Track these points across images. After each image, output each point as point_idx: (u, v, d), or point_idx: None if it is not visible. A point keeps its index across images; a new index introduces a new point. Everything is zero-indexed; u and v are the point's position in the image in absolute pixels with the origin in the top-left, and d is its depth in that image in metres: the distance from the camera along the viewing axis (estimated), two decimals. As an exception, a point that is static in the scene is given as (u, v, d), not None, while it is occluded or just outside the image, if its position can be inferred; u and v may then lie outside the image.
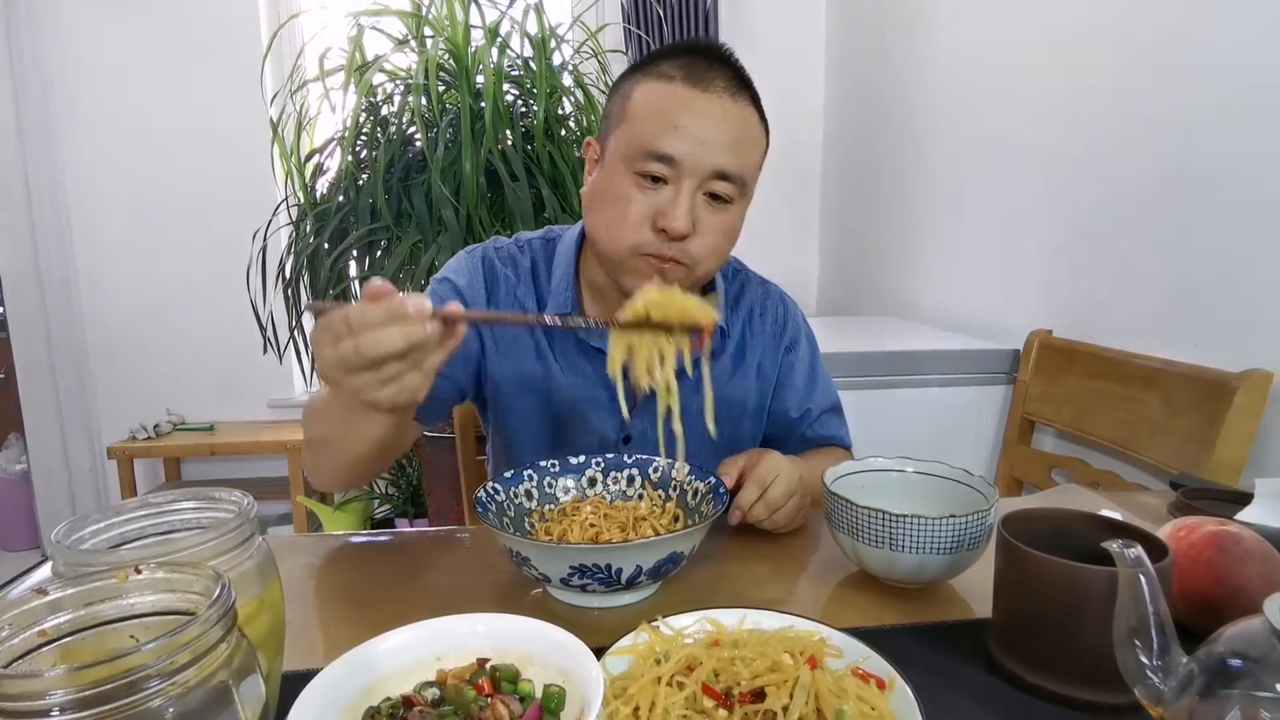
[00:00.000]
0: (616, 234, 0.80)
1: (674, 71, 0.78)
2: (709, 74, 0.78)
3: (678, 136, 0.76)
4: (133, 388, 2.81)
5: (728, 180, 0.79)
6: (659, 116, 0.77)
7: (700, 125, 0.76)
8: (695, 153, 0.76)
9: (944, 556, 0.64)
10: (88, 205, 2.69)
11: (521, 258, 0.93)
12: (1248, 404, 1.11)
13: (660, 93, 0.78)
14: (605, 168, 0.82)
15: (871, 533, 0.66)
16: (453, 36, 1.98)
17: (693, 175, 0.77)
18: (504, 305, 0.91)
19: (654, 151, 0.76)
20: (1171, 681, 0.41)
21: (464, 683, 0.47)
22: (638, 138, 0.77)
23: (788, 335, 1.00)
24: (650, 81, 0.79)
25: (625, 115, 0.80)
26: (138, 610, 0.39)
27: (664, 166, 0.77)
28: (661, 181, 0.78)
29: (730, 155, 0.78)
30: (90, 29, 2.58)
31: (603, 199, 0.82)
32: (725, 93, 0.78)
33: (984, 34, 1.83)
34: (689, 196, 0.77)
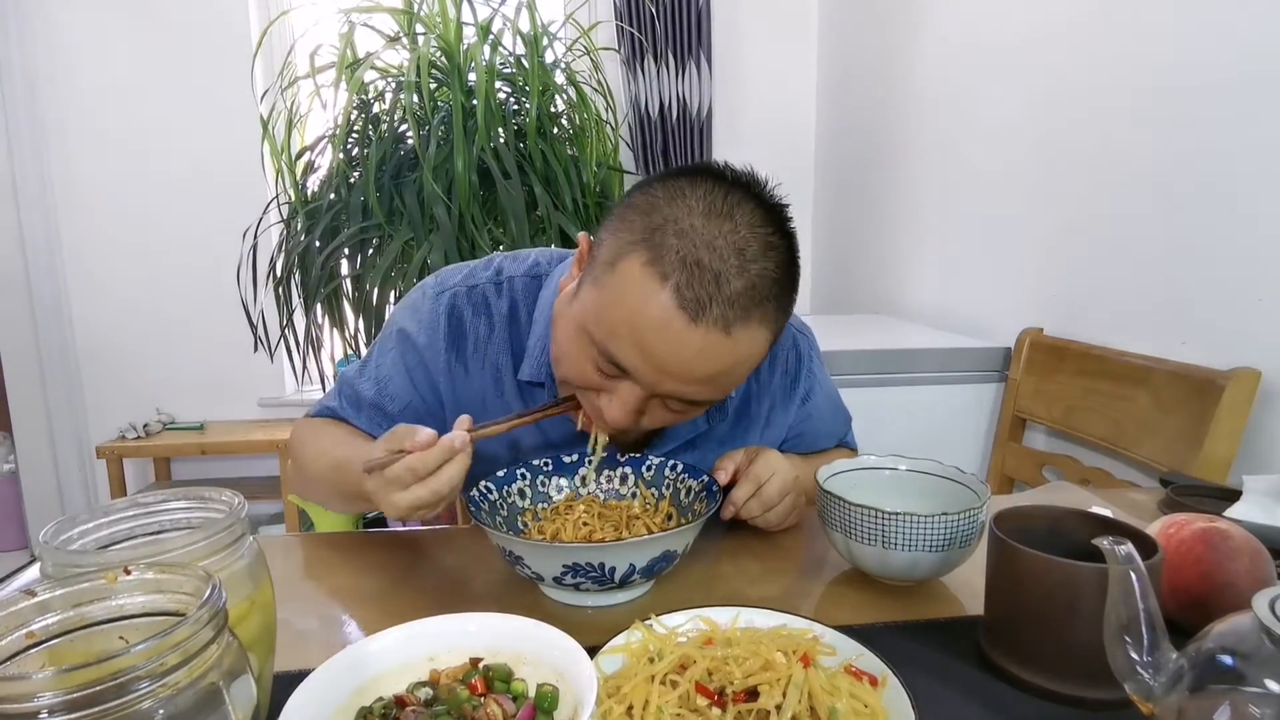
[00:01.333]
0: (567, 378, 0.71)
1: (672, 271, 0.60)
2: (710, 289, 0.60)
3: (641, 361, 0.63)
4: (122, 386, 2.79)
5: (692, 404, 0.68)
6: (629, 328, 0.62)
7: (671, 359, 0.62)
8: (655, 380, 0.64)
9: (936, 554, 0.64)
10: (76, 203, 2.67)
11: (498, 301, 0.82)
12: (1236, 401, 1.12)
13: (641, 296, 0.61)
14: (575, 306, 0.69)
15: (864, 530, 0.66)
16: (444, 34, 1.97)
17: (649, 390, 0.66)
18: (472, 365, 0.81)
19: (611, 358, 0.64)
20: (1161, 677, 0.42)
21: (457, 682, 0.47)
22: (602, 327, 0.64)
23: (801, 387, 0.90)
24: (642, 267, 0.61)
25: (607, 283, 0.64)
26: (127, 611, 0.39)
27: (616, 371, 0.65)
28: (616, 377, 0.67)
29: (696, 388, 0.65)
30: (78, 27, 2.56)
31: (563, 334, 0.70)
32: (717, 324, 0.61)
33: (975, 32, 1.84)
34: (635, 401, 0.66)
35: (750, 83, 2.82)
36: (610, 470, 0.83)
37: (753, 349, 0.65)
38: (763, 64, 2.82)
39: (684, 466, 0.80)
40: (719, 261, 0.60)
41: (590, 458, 0.79)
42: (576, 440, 0.82)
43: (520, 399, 0.82)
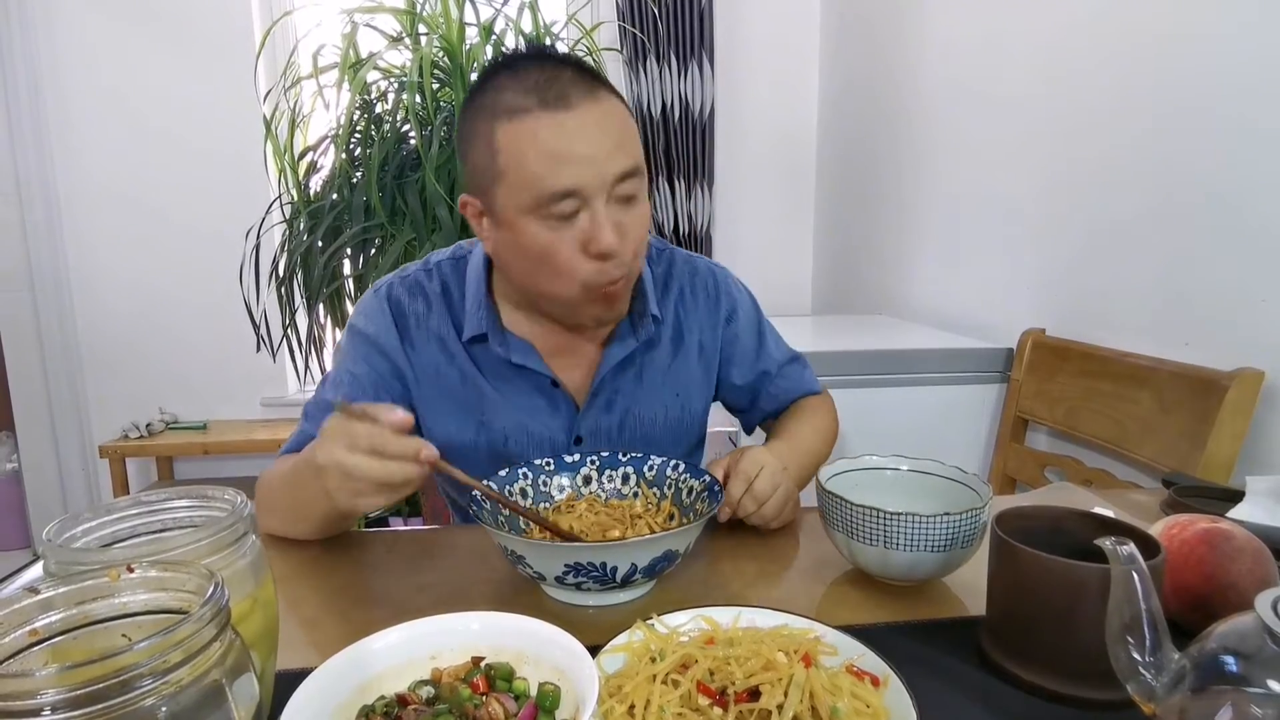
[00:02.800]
0: (559, 283, 0.77)
1: (525, 101, 0.72)
2: (560, 89, 0.72)
3: (570, 166, 0.72)
4: (125, 386, 2.79)
5: (630, 177, 0.75)
6: (539, 156, 0.71)
7: (585, 144, 0.72)
8: (592, 173, 0.72)
9: (938, 554, 0.64)
10: (79, 202, 2.67)
11: (430, 283, 0.90)
12: (1239, 402, 1.11)
13: (526, 132, 0.72)
14: (506, 227, 0.77)
15: (865, 531, 0.66)
16: (447, 34, 1.97)
17: (599, 193, 0.73)
18: (417, 340, 0.88)
19: (554, 194, 0.72)
20: (1164, 678, 0.42)
21: (459, 681, 0.47)
22: (528, 186, 0.73)
23: (723, 307, 0.97)
24: (508, 123, 0.72)
25: (500, 170, 0.74)
26: (130, 609, 0.39)
27: (571, 202, 0.73)
28: (572, 215, 0.74)
29: (621, 156, 0.74)
30: (81, 25, 2.57)
31: (523, 256, 0.78)
32: (586, 98, 0.73)
33: (978, 34, 1.84)
34: (604, 213, 0.74)
35: (752, 83, 2.82)
36: (612, 470, 0.83)
37: (621, 110, 0.76)
38: (765, 64, 2.82)
39: (685, 466, 0.80)
40: (546, 76, 0.73)
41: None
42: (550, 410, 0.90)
43: (471, 361, 0.88)
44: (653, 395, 0.93)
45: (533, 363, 0.87)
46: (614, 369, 0.90)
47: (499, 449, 0.90)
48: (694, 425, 0.99)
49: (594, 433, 0.92)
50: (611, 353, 0.89)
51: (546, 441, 0.91)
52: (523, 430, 0.90)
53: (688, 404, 0.96)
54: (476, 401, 0.89)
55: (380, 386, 0.88)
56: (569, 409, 0.91)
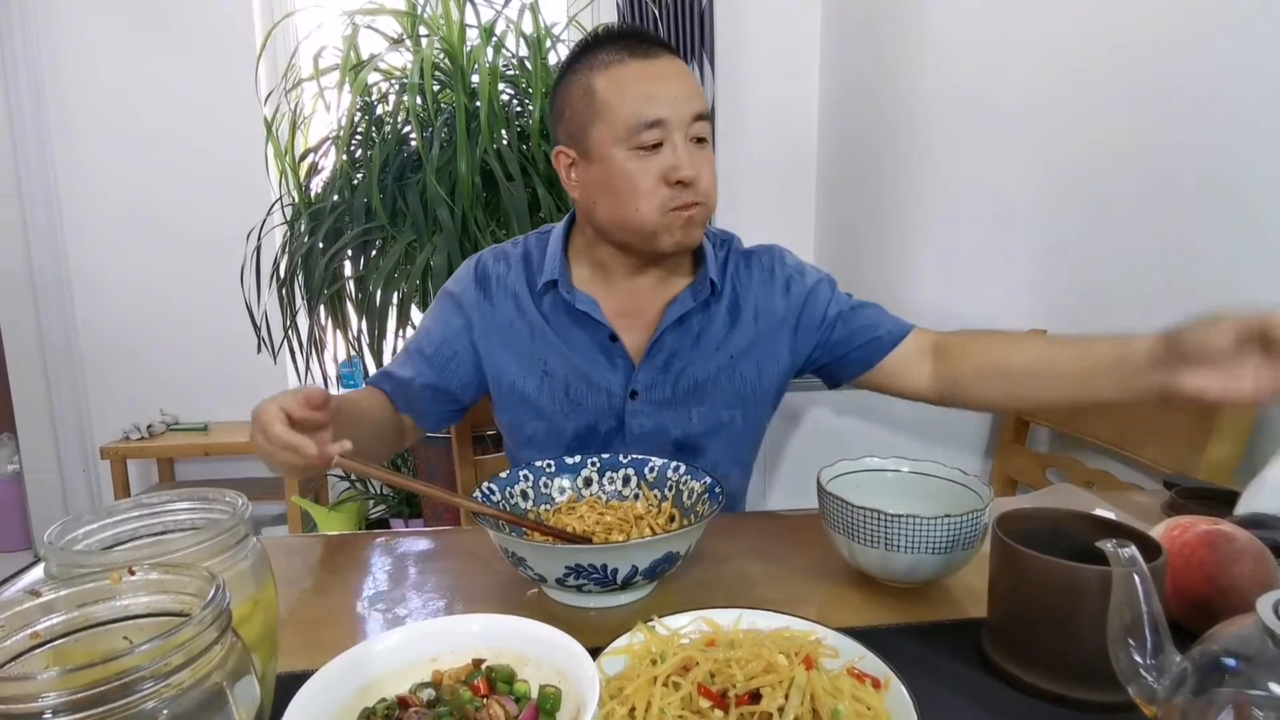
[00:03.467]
0: (642, 206, 0.88)
1: (619, 55, 0.88)
2: (647, 45, 0.88)
3: (658, 101, 0.86)
4: (126, 387, 2.79)
5: (704, 120, 0.89)
6: (634, 94, 0.86)
7: (668, 85, 0.87)
8: (675, 108, 0.86)
9: (939, 556, 0.64)
10: (80, 204, 2.68)
11: (514, 249, 1.02)
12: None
13: (621, 76, 0.87)
14: (597, 162, 0.89)
15: (866, 532, 0.66)
16: (448, 36, 1.97)
17: (679, 127, 0.86)
18: (496, 297, 0.99)
19: (645, 121, 0.85)
20: (1165, 680, 0.41)
21: (460, 683, 0.47)
22: (624, 119, 0.86)
23: (779, 278, 1.03)
24: (604, 72, 0.88)
25: (598, 109, 0.88)
26: (131, 612, 0.39)
27: (656, 132, 0.86)
28: (656, 147, 0.86)
29: (698, 99, 0.89)
30: (83, 26, 2.57)
31: (611, 187, 0.89)
32: (666, 53, 0.89)
33: (978, 33, 1.84)
34: (684, 146, 0.87)
35: (753, 83, 2.82)
36: (613, 472, 0.83)
37: (690, 72, 0.91)
38: (766, 64, 2.82)
39: (686, 468, 0.80)
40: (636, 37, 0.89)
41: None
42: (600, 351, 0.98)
43: (540, 314, 0.98)
44: (706, 358, 0.99)
45: (595, 313, 0.95)
46: (672, 329, 0.97)
47: (561, 396, 0.98)
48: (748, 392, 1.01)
49: (649, 388, 0.97)
50: (671, 311, 0.96)
51: (604, 392, 0.98)
52: (582, 379, 0.98)
53: (740, 368, 1.00)
54: (542, 351, 0.98)
55: (446, 341, 1.00)
56: (626, 365, 0.97)
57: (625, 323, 0.98)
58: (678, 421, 0.98)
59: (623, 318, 0.97)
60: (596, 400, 0.97)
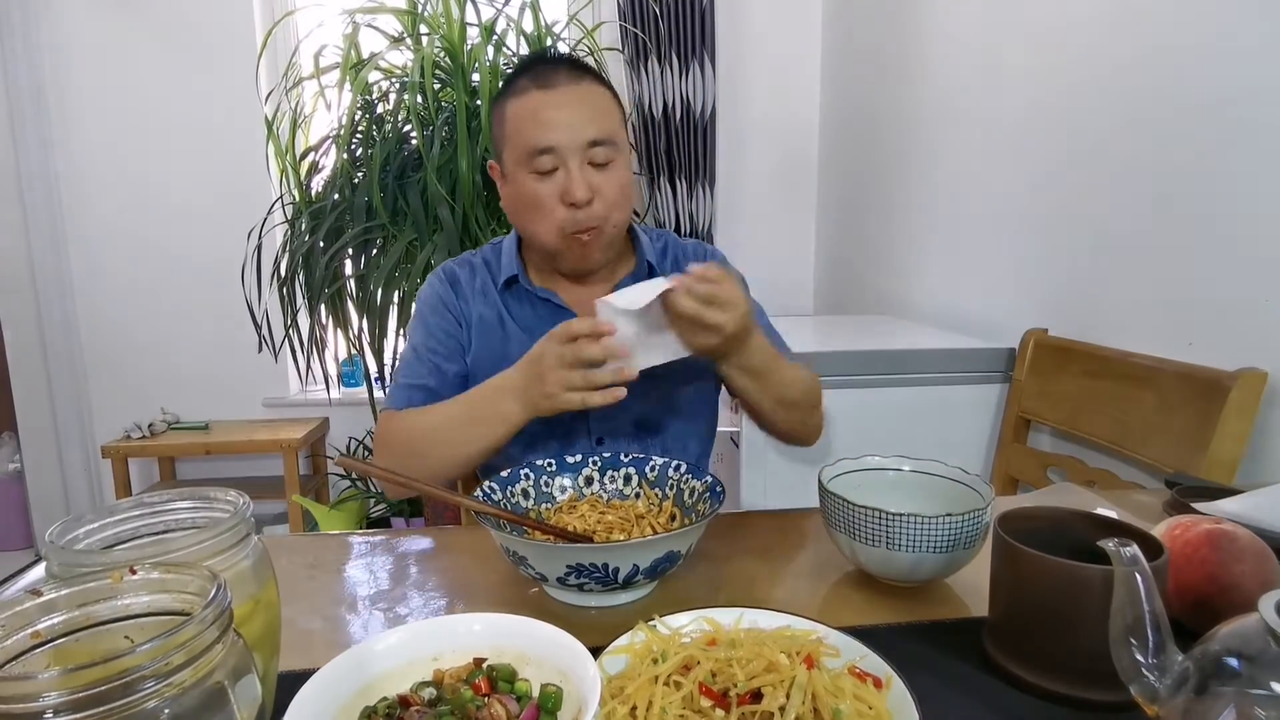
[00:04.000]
0: (541, 225, 0.95)
1: (527, 84, 0.94)
2: (552, 74, 0.94)
3: (548, 129, 0.91)
4: (127, 386, 2.80)
5: (600, 145, 0.92)
6: (529, 122, 0.92)
7: (561, 114, 0.92)
8: (566, 135, 0.91)
9: (940, 555, 0.64)
10: (82, 203, 2.68)
11: (474, 258, 1.09)
12: (1242, 402, 1.11)
13: (522, 105, 0.94)
14: (510, 181, 0.97)
15: (868, 531, 0.66)
16: (448, 34, 1.97)
17: (573, 153, 0.91)
18: (467, 295, 1.05)
19: (536, 148, 0.91)
20: (1167, 679, 0.41)
21: (461, 682, 0.47)
22: (521, 145, 0.93)
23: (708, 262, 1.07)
24: (513, 100, 0.94)
25: (506, 135, 0.96)
26: (132, 611, 0.39)
27: (549, 157, 0.91)
28: (554, 170, 0.92)
29: (592, 126, 0.92)
30: (84, 25, 2.57)
31: (519, 205, 0.97)
32: (569, 81, 0.93)
33: (978, 35, 1.84)
34: (578, 170, 0.92)
35: (754, 83, 2.82)
36: (614, 471, 0.83)
37: (604, 97, 0.96)
38: (766, 64, 2.82)
39: (687, 467, 0.80)
40: (547, 68, 0.95)
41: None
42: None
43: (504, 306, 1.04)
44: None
45: (556, 300, 1.02)
46: None
47: None
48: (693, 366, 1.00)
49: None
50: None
51: None
52: None
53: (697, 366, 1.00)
54: (508, 346, 1.02)
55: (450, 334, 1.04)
56: None
57: (581, 312, 1.02)
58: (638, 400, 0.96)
59: (578, 309, 1.03)
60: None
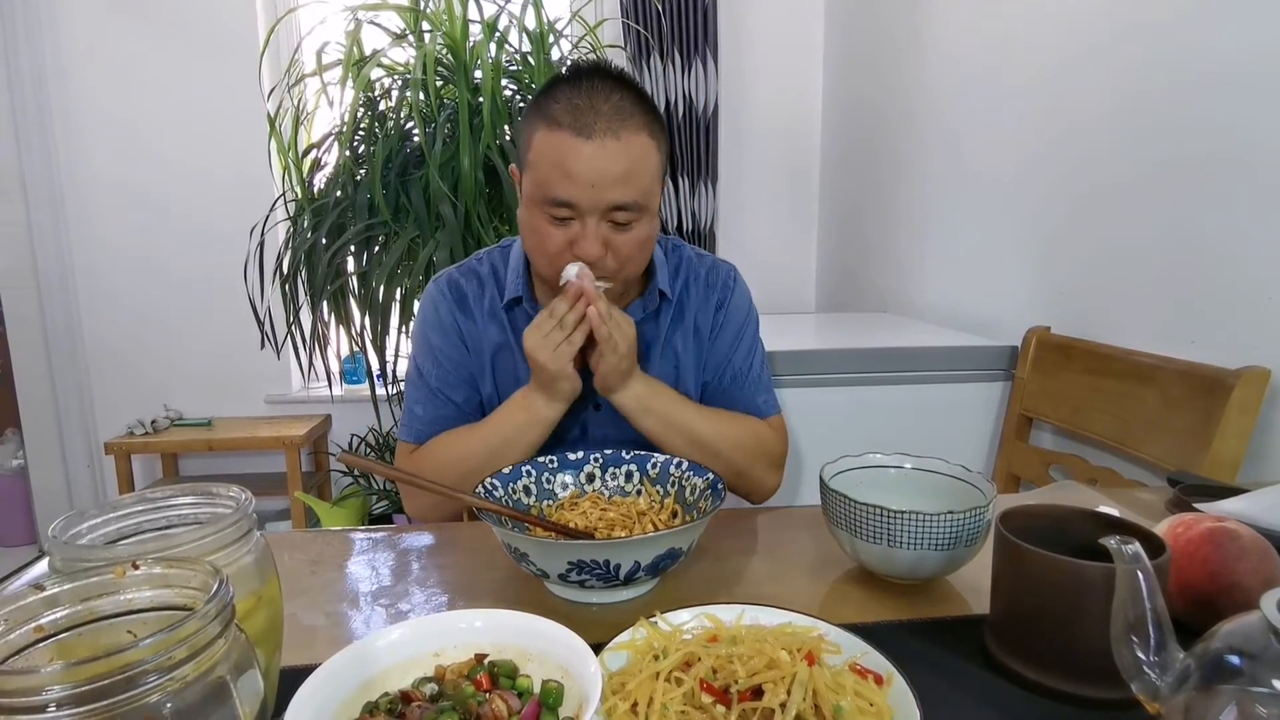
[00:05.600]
0: (542, 259, 0.90)
1: (562, 117, 0.84)
2: (590, 116, 0.84)
3: (571, 184, 0.84)
4: (130, 383, 2.80)
5: (624, 210, 0.86)
6: (553, 167, 0.84)
7: (589, 171, 0.83)
8: (589, 195, 0.84)
9: (942, 552, 0.64)
10: (84, 200, 2.68)
11: (480, 267, 1.03)
12: (1245, 400, 1.11)
13: (551, 143, 0.85)
14: (524, 202, 0.91)
15: (869, 529, 0.66)
16: (451, 31, 1.97)
17: (592, 212, 0.85)
18: (475, 313, 1.01)
19: (553, 199, 0.85)
20: (1168, 677, 0.41)
21: (462, 678, 0.48)
22: (540, 186, 0.86)
23: (717, 293, 1.05)
24: (544, 129, 0.86)
25: (529, 161, 0.88)
26: (135, 606, 0.39)
27: (565, 209, 0.85)
28: (570, 218, 0.86)
29: (620, 190, 0.85)
30: (86, 23, 2.57)
31: (528, 230, 0.91)
32: (608, 133, 0.84)
33: (980, 34, 1.83)
34: (594, 229, 0.86)
35: (756, 80, 2.81)
36: (615, 468, 0.83)
37: (643, 150, 0.86)
38: (769, 61, 2.81)
39: (689, 464, 0.80)
40: (588, 102, 0.84)
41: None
42: None
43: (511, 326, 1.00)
44: (654, 367, 1.01)
45: None
46: None
47: None
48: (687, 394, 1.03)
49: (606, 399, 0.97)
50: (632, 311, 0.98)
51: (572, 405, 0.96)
52: None
53: (683, 379, 1.03)
54: (514, 366, 1.00)
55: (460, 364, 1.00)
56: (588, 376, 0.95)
57: None
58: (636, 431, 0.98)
59: None
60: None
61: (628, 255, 0.89)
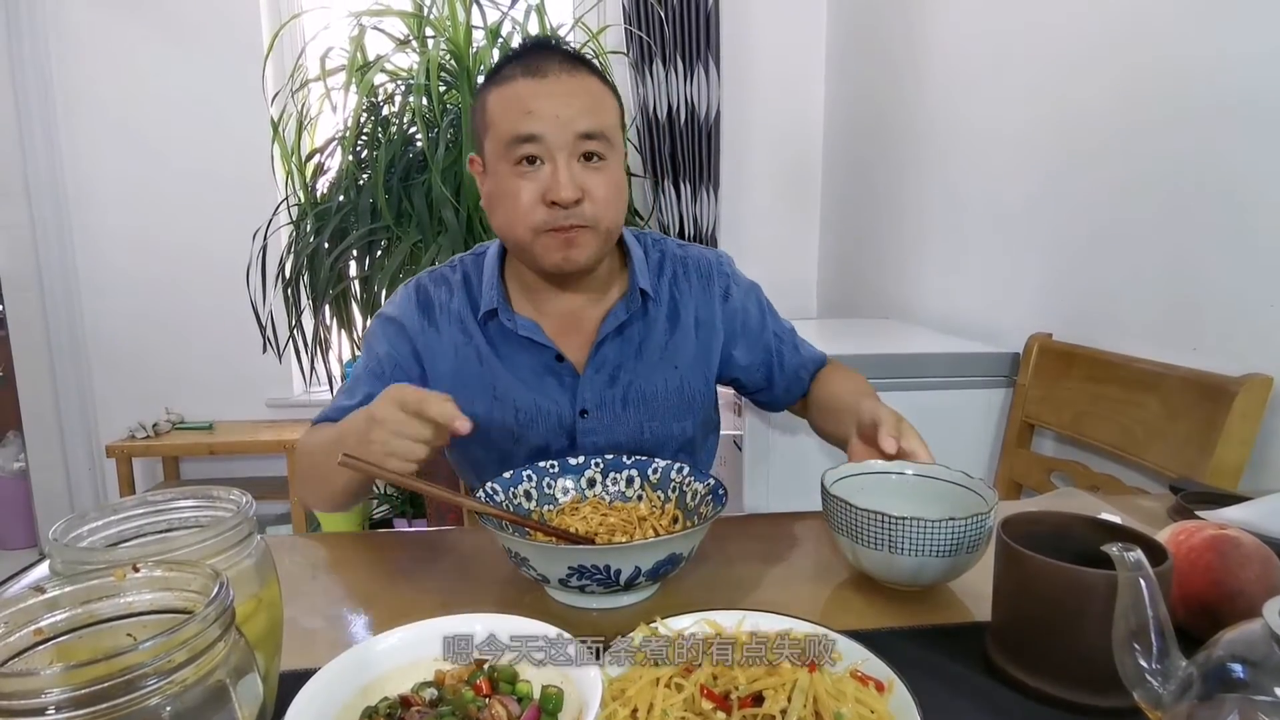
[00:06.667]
0: (517, 222, 0.86)
1: (514, 72, 0.86)
2: (544, 63, 0.85)
3: (534, 118, 0.83)
4: (132, 386, 2.81)
5: (593, 139, 0.85)
6: (513, 110, 0.84)
7: (550, 103, 0.83)
8: (554, 126, 0.83)
9: (943, 559, 0.64)
10: (88, 203, 2.69)
11: (453, 274, 1.00)
12: (1247, 408, 1.11)
13: (508, 92, 0.85)
14: (490, 175, 0.89)
15: (870, 535, 0.66)
16: (454, 37, 1.98)
17: (561, 147, 0.83)
18: (440, 323, 0.97)
19: (518, 136, 0.83)
20: (1170, 685, 0.41)
21: (462, 683, 0.47)
22: (503, 134, 0.85)
23: (717, 285, 1.03)
24: (498, 88, 0.86)
25: (488, 122, 0.87)
26: (135, 609, 0.39)
27: (532, 146, 0.83)
28: (539, 161, 0.84)
29: (586, 118, 0.84)
30: (91, 27, 2.58)
31: (497, 199, 0.88)
32: (562, 71, 0.85)
33: (982, 37, 1.84)
34: (566, 166, 0.84)
35: (759, 86, 2.82)
36: (616, 473, 0.83)
37: (601, 92, 0.88)
38: (771, 68, 2.82)
39: (689, 470, 0.80)
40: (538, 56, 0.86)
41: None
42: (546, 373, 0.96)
43: (486, 340, 0.96)
44: (652, 369, 0.97)
45: (538, 336, 0.93)
46: (613, 343, 0.96)
47: (511, 423, 0.95)
48: (695, 400, 1.01)
49: (599, 405, 0.96)
50: (606, 324, 0.95)
51: (554, 415, 0.95)
52: (533, 405, 0.95)
53: (686, 378, 1.00)
54: (490, 378, 0.95)
55: (399, 365, 0.96)
56: (574, 383, 0.95)
57: (567, 341, 0.95)
58: (629, 436, 0.97)
59: (564, 336, 0.95)
60: (546, 422, 0.95)
61: (604, 198, 0.86)
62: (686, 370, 1.00)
